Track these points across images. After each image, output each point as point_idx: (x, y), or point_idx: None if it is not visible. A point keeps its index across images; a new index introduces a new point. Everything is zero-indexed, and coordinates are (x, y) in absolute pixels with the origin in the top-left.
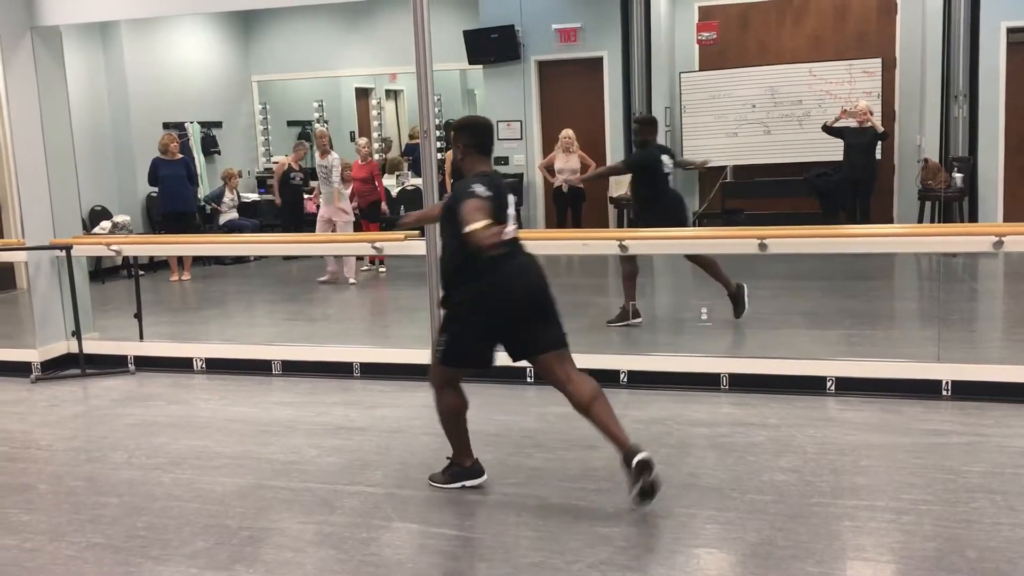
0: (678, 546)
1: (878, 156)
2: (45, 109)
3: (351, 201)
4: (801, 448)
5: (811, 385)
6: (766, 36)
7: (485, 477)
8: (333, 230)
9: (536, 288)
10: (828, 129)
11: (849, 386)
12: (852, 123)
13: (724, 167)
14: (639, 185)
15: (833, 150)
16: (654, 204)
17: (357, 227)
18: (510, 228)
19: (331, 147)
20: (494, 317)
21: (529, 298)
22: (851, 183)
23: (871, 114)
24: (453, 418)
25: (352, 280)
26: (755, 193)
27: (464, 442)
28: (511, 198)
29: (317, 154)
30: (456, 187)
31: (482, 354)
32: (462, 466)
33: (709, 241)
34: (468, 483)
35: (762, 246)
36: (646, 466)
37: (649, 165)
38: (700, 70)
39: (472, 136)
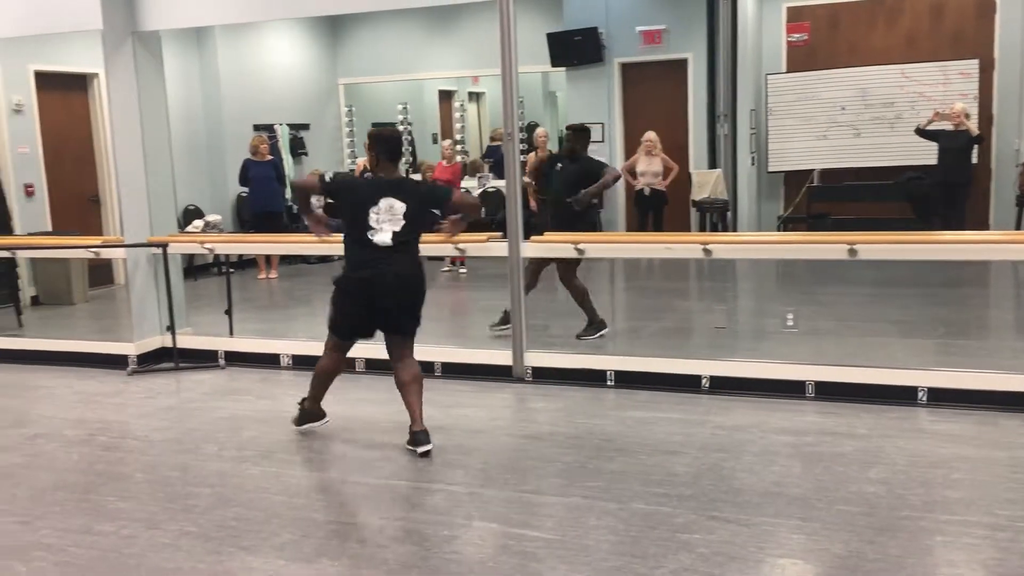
0: (762, 555)
1: (974, 160)
2: (144, 111)
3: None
4: (891, 460)
5: (902, 395)
6: (857, 36)
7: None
8: None
9: (385, 291)
10: (921, 132)
11: (942, 397)
12: (947, 126)
13: (811, 171)
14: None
15: (926, 154)
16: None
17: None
18: (379, 237)
19: None
20: (351, 302)
21: (375, 293)
22: (945, 187)
23: (967, 117)
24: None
25: None
26: (843, 197)
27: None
28: (399, 206)
29: None
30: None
31: (352, 328)
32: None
33: (797, 246)
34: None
35: (852, 251)
36: (426, 455)
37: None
38: (788, 72)
39: (383, 146)
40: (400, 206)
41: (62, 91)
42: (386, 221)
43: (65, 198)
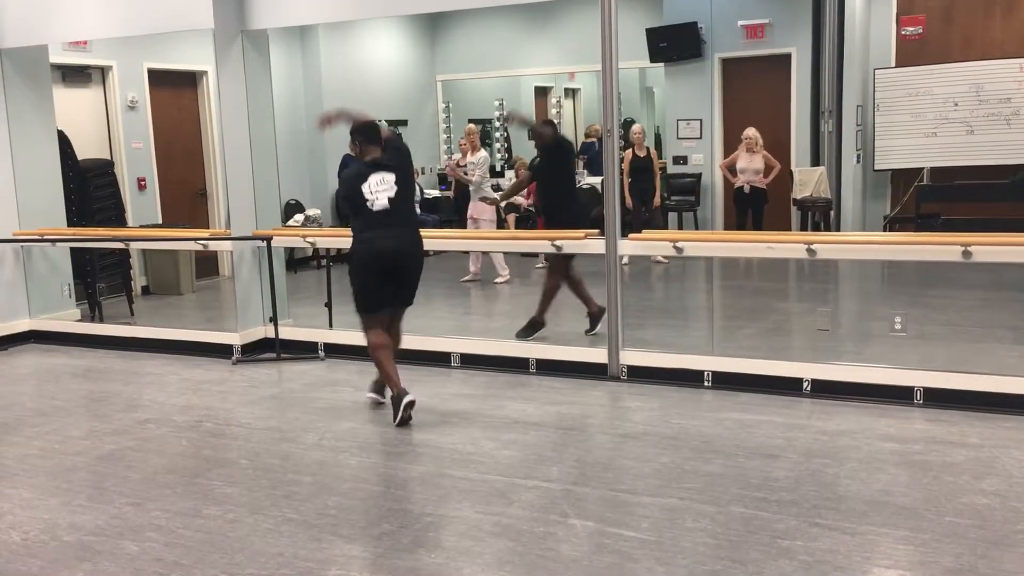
0: (868, 566)
1: None
2: (252, 108)
3: (527, 199)
4: (1006, 471)
5: (1017, 404)
6: (972, 30)
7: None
8: (477, 228)
9: (394, 254)
10: None
11: None
12: None
13: (920, 169)
14: None
15: None
16: None
17: (523, 224)
18: (379, 201)
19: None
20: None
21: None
22: None
23: None
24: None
25: (501, 278)
26: (954, 197)
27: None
28: (388, 177)
29: (467, 152)
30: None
31: (378, 299)
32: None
33: (909, 247)
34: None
35: (966, 253)
36: (411, 405)
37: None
38: (897, 66)
39: (363, 135)
40: (389, 176)
41: (173, 88)
42: (380, 191)
43: (175, 192)
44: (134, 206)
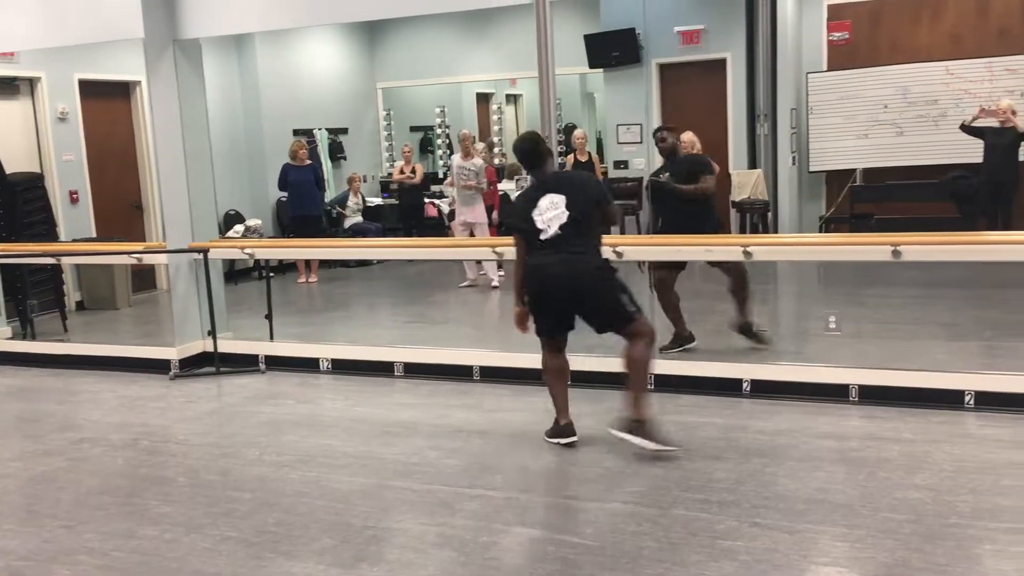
0: (806, 564)
1: (1021, 158)
2: (185, 117)
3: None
4: (937, 465)
5: (948, 399)
6: (900, 34)
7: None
8: (471, 234)
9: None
10: (966, 128)
11: (990, 401)
12: (992, 123)
13: (853, 170)
14: None
15: (972, 151)
16: None
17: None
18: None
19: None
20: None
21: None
22: (991, 186)
23: (1014, 113)
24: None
25: (495, 283)
26: (886, 197)
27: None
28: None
29: (458, 156)
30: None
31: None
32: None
33: (840, 247)
34: (562, 441)
35: (896, 253)
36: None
37: None
38: (828, 70)
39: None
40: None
41: (106, 99)
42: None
43: (109, 205)
44: (67, 220)
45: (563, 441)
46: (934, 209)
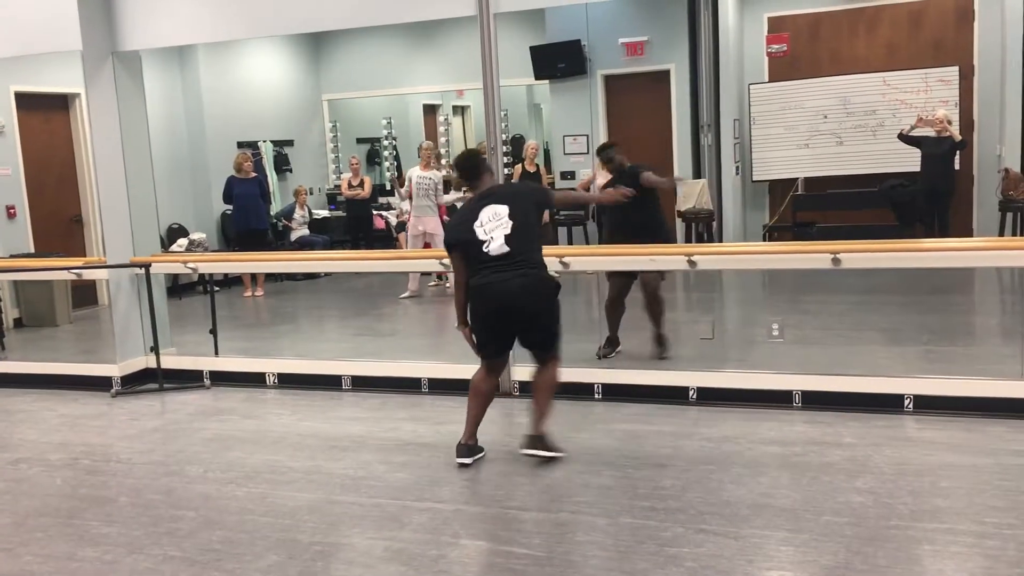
0: (752, 568)
1: (956, 166)
2: (125, 131)
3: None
4: (878, 468)
5: (888, 403)
6: (838, 45)
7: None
8: (426, 246)
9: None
10: (904, 138)
11: (928, 404)
12: (929, 132)
13: (795, 180)
14: None
15: (909, 160)
16: None
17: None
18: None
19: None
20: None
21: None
22: (928, 194)
23: (949, 123)
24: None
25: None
26: (827, 206)
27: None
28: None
29: (418, 167)
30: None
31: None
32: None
33: (781, 256)
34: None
35: (835, 260)
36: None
37: None
38: (770, 81)
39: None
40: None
41: (43, 111)
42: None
43: (47, 219)
44: (3, 235)
45: (468, 461)
46: (874, 217)
